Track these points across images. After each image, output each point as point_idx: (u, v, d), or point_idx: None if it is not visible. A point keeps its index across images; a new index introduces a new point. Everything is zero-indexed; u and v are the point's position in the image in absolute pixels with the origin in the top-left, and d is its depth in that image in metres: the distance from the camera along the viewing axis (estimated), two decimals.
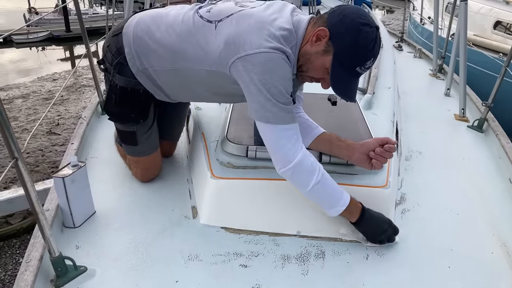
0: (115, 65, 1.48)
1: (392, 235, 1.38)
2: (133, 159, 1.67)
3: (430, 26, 5.91)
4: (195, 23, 1.37)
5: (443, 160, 1.96)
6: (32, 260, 1.16)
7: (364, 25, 1.22)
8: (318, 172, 1.29)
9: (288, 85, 1.27)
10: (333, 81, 1.29)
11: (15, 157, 1.00)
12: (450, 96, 2.88)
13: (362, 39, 1.22)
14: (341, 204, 1.32)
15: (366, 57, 1.25)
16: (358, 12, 1.25)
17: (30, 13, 13.04)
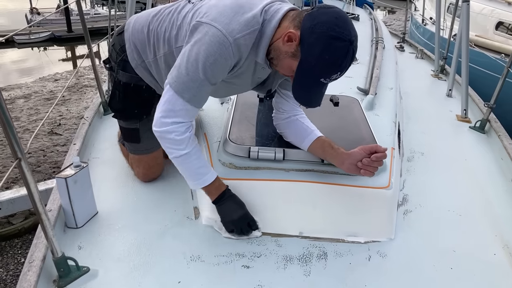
0: (118, 62, 1.53)
1: (245, 228, 1.37)
2: (135, 157, 1.67)
3: (432, 27, 5.91)
4: (181, 7, 1.39)
5: (445, 161, 1.95)
6: (35, 261, 1.16)
7: (335, 39, 1.15)
8: (187, 147, 1.28)
9: (215, 70, 1.22)
10: (294, 86, 1.26)
11: (18, 157, 1.00)
12: (452, 97, 2.88)
13: (330, 54, 1.16)
14: (200, 183, 1.35)
15: (332, 71, 1.19)
16: (332, 22, 1.16)
17: (32, 14, 13.05)
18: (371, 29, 3.61)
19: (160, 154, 1.69)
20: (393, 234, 1.43)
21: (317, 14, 1.20)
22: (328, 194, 1.42)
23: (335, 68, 1.19)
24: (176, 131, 1.26)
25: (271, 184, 1.43)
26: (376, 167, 1.35)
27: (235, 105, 1.80)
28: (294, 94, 1.29)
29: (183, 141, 1.28)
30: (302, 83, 1.24)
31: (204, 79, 1.23)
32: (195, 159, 1.32)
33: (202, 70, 1.21)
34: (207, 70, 1.21)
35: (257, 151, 1.48)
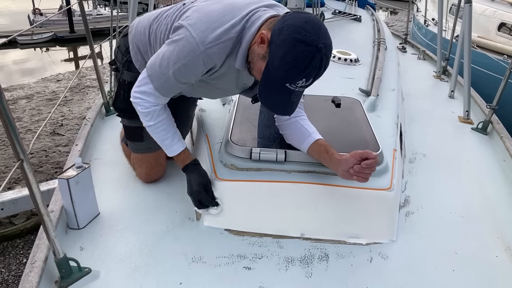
0: (123, 63, 1.59)
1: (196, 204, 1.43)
2: (138, 156, 1.68)
3: (434, 28, 5.90)
4: (176, 9, 1.41)
5: (447, 163, 1.95)
6: (37, 261, 1.16)
7: (300, 42, 1.12)
8: (151, 120, 1.40)
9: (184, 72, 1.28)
10: (260, 89, 1.25)
11: (21, 158, 1.00)
12: (454, 98, 2.87)
13: (293, 57, 1.12)
14: (168, 152, 1.46)
15: (295, 76, 1.15)
16: (300, 25, 1.13)
17: (35, 14, 13.08)
18: (373, 30, 3.61)
19: (162, 154, 1.68)
20: (394, 236, 1.43)
21: (289, 17, 1.18)
22: (329, 196, 1.42)
23: (298, 73, 1.15)
24: (142, 105, 1.38)
25: (273, 186, 1.43)
26: (368, 173, 1.31)
27: (236, 106, 1.80)
28: (260, 97, 1.26)
29: (148, 114, 1.39)
30: (267, 86, 1.22)
31: (172, 77, 1.30)
32: (161, 131, 1.42)
33: (172, 69, 1.28)
34: (176, 71, 1.28)
35: (258, 152, 1.48)
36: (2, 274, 2.77)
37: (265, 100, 1.27)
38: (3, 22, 13.91)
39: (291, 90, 1.19)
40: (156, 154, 1.67)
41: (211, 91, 1.56)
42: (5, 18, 14.81)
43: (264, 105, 1.30)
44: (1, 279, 2.74)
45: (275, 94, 1.22)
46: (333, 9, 3.99)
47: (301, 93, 1.26)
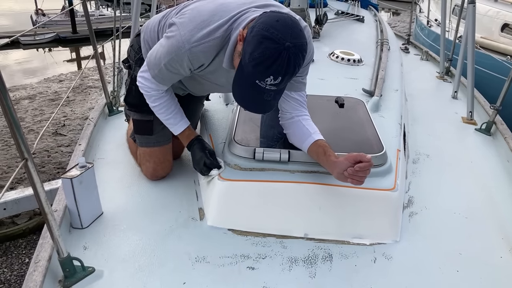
0: (136, 60, 1.67)
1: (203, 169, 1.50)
2: (146, 151, 1.69)
3: (437, 29, 5.89)
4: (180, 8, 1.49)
5: (451, 163, 1.94)
6: (41, 261, 1.16)
7: (267, 39, 1.14)
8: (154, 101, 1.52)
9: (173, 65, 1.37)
10: (232, 86, 1.28)
11: (25, 157, 1.00)
12: (458, 99, 2.87)
13: (260, 53, 1.15)
14: (173, 131, 1.57)
15: (263, 73, 1.17)
16: (270, 23, 1.17)
17: (37, 15, 13.11)
18: (376, 30, 3.60)
19: (170, 149, 1.72)
20: (398, 236, 1.42)
21: (264, 15, 1.23)
22: (333, 196, 1.42)
23: (265, 70, 1.16)
24: (144, 89, 1.52)
25: (276, 186, 1.43)
26: (362, 176, 1.30)
27: (240, 107, 1.80)
28: (234, 94, 1.30)
29: (150, 97, 1.52)
30: (239, 82, 1.26)
31: (164, 68, 1.40)
32: (164, 111, 1.53)
33: (163, 61, 1.39)
34: (166, 63, 1.39)
35: (262, 152, 1.48)
36: (5, 274, 2.78)
37: (238, 96, 1.30)
38: (6, 22, 13.95)
39: (261, 88, 1.21)
40: (164, 148, 1.69)
41: (207, 85, 1.61)
42: (8, 18, 14.86)
43: (237, 101, 1.32)
44: (4, 279, 2.74)
45: (246, 90, 1.25)
46: (336, 10, 3.99)
47: (276, 93, 1.25)
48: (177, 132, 1.56)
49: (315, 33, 3.12)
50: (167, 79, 1.47)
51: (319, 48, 2.91)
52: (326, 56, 2.76)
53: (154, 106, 1.54)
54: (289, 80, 1.25)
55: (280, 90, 1.27)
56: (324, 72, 2.49)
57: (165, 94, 1.52)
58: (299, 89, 1.53)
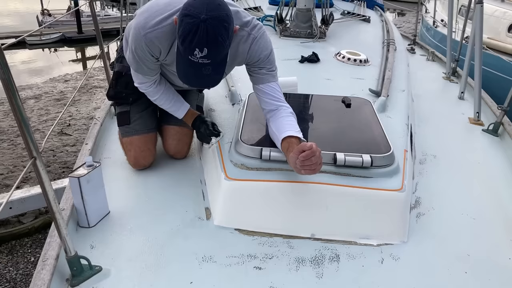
0: (117, 58, 1.83)
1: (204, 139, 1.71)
2: (127, 140, 1.78)
3: (443, 29, 5.86)
4: None
5: (458, 164, 1.93)
6: (49, 259, 1.16)
7: (185, 16, 1.26)
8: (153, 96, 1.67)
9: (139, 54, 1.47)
10: (176, 68, 1.38)
11: (34, 156, 1.00)
12: (464, 99, 2.85)
13: (182, 30, 1.26)
14: (178, 115, 1.72)
15: (189, 48, 1.27)
16: (190, 3, 1.28)
17: (43, 15, 13.18)
18: (382, 30, 3.59)
19: (151, 140, 1.79)
20: (406, 237, 1.42)
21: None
22: (340, 196, 1.41)
23: (189, 44, 1.26)
24: (141, 88, 1.66)
25: (283, 185, 1.43)
26: (309, 164, 1.29)
27: (246, 106, 1.80)
28: (178, 74, 1.39)
29: (148, 93, 1.67)
30: (178, 62, 1.36)
31: (137, 59, 1.51)
32: (165, 102, 1.70)
33: (133, 53, 1.49)
34: (134, 53, 1.49)
35: (269, 152, 1.48)
36: (10, 273, 2.79)
37: (181, 75, 1.39)
38: (12, 23, 14.03)
39: (196, 63, 1.29)
40: (143, 137, 1.77)
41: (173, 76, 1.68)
42: (14, 19, 14.94)
43: (182, 81, 1.41)
44: (9, 277, 2.75)
45: (185, 68, 1.34)
46: (342, 10, 3.98)
47: (214, 67, 1.32)
48: (180, 116, 1.72)
49: (321, 33, 3.11)
50: (145, 70, 1.56)
51: (325, 48, 2.91)
52: (332, 56, 2.76)
53: (155, 100, 1.69)
54: (222, 51, 1.31)
55: (217, 64, 1.33)
56: (331, 72, 2.48)
57: (160, 87, 1.66)
58: (267, 80, 1.59)
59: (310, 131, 1.67)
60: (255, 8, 3.85)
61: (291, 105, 1.88)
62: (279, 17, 3.22)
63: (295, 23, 3.15)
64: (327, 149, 1.49)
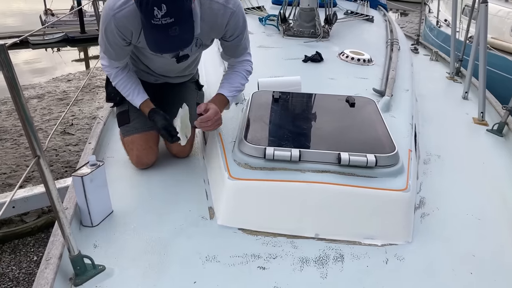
0: None
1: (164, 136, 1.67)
2: (128, 140, 1.77)
3: (446, 29, 5.84)
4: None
5: (462, 164, 1.92)
6: (52, 258, 1.16)
7: None
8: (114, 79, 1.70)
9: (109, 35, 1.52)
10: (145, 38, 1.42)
11: (37, 155, 1.00)
12: (468, 99, 2.84)
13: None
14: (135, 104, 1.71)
15: (148, 10, 1.29)
16: None
17: (46, 15, 13.21)
18: (386, 30, 3.58)
19: (152, 138, 1.77)
20: (410, 237, 1.41)
21: None
22: (344, 196, 1.41)
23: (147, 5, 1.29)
24: (105, 69, 1.71)
25: (287, 185, 1.42)
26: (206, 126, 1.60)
27: (250, 105, 1.80)
28: (148, 44, 1.43)
29: (110, 75, 1.70)
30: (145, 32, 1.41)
31: (105, 41, 1.55)
32: (123, 88, 1.71)
33: (103, 35, 1.54)
34: (104, 35, 1.54)
35: (272, 151, 1.47)
36: (13, 272, 2.79)
37: (150, 44, 1.42)
38: (15, 22, 14.07)
39: (159, 25, 1.32)
40: (144, 135, 1.76)
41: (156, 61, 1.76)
42: (17, 19, 14.98)
43: (152, 50, 1.46)
44: (12, 276, 2.75)
45: (152, 34, 1.38)
46: (345, 10, 3.97)
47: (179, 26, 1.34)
48: (137, 104, 1.70)
49: (324, 33, 3.11)
50: (114, 54, 1.61)
51: (328, 48, 2.90)
52: (336, 55, 2.75)
53: (116, 84, 1.71)
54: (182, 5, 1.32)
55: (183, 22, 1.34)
56: (334, 71, 2.47)
57: (122, 71, 1.70)
58: (240, 54, 1.75)
59: (314, 130, 1.67)
60: (258, 8, 3.84)
61: (295, 104, 1.88)
62: (282, 16, 3.21)
63: (299, 23, 3.14)
64: (331, 149, 1.49)
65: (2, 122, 5.89)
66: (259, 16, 3.56)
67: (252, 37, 3.19)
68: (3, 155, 4.82)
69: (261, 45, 2.92)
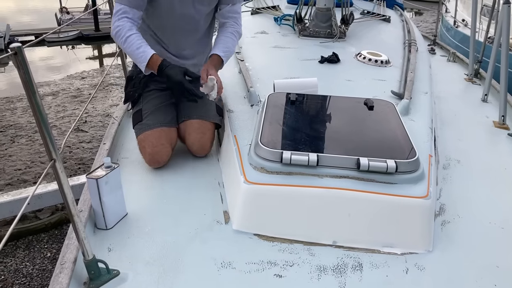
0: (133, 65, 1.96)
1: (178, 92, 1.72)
2: (141, 138, 1.77)
3: (464, 29, 5.73)
4: None
5: (483, 170, 1.87)
6: (67, 262, 1.15)
7: None
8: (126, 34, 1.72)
9: None
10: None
11: (53, 158, 0.99)
12: (488, 102, 2.77)
13: None
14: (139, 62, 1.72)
15: None
16: None
17: (62, 13, 13.35)
18: (403, 31, 3.52)
19: (165, 135, 1.76)
20: (431, 246, 1.37)
21: None
22: (363, 203, 1.37)
23: None
24: (114, 26, 1.75)
25: (304, 191, 1.39)
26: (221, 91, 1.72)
27: (266, 108, 1.77)
28: None
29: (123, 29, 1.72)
30: None
31: None
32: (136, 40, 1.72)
33: None
34: None
35: (289, 155, 1.44)
36: (27, 268, 2.81)
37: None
38: (31, 20, 14.24)
39: None
40: (157, 132, 1.75)
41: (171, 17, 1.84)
42: (33, 16, 15.16)
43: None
44: (26, 272, 2.77)
45: None
46: (361, 9, 3.91)
47: None
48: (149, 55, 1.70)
49: (341, 33, 3.06)
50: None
51: (345, 48, 2.85)
52: (352, 56, 2.70)
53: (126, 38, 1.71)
54: None
55: None
56: (351, 73, 2.43)
57: (134, 28, 1.74)
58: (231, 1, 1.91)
59: (331, 134, 1.63)
60: (273, 7, 3.80)
61: (312, 107, 1.84)
62: (298, 16, 3.17)
63: (315, 23, 3.10)
64: (350, 154, 1.45)
65: (18, 119, 5.96)
66: (274, 16, 3.52)
67: (267, 37, 3.17)
68: (18, 151, 4.87)
69: (277, 45, 2.89)
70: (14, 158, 4.67)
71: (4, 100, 6.85)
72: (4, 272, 2.75)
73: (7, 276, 2.72)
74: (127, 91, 1.96)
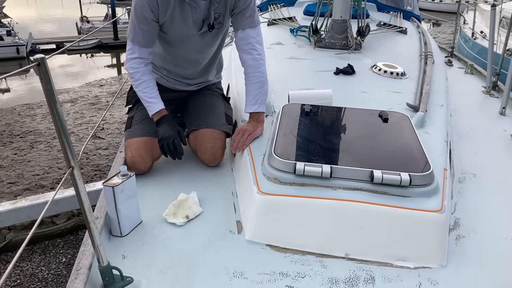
0: None
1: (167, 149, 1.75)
2: (126, 144, 1.82)
3: (482, 41, 5.68)
4: None
5: (500, 184, 1.84)
6: (82, 268, 1.17)
7: None
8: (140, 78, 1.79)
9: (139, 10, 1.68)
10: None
11: (72, 166, 1.01)
12: (506, 115, 2.73)
13: None
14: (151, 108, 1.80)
15: None
16: None
17: (82, 22, 13.65)
18: (420, 42, 3.50)
19: (145, 146, 1.78)
20: (445, 260, 1.35)
21: None
22: (377, 215, 1.36)
23: None
24: (132, 64, 1.78)
25: (317, 202, 1.39)
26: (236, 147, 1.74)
27: (280, 118, 1.78)
28: None
29: (136, 74, 1.79)
30: None
31: (135, 21, 1.70)
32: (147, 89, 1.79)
33: (133, 15, 1.70)
34: (134, 15, 1.70)
35: (303, 166, 1.44)
36: (42, 272, 2.86)
37: None
38: (52, 28, 14.59)
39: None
40: (140, 141, 1.79)
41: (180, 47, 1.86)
42: (54, 25, 15.54)
43: None
44: (41, 277, 2.82)
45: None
46: (378, 21, 3.91)
47: None
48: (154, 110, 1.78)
49: (356, 45, 3.06)
50: (143, 36, 1.73)
51: (360, 60, 2.86)
52: (368, 68, 2.70)
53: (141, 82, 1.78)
54: None
55: None
56: (366, 85, 2.43)
57: (149, 71, 1.80)
58: (248, 26, 1.83)
59: (345, 146, 1.63)
60: (289, 19, 3.83)
61: (326, 118, 1.84)
62: (314, 28, 3.19)
63: (330, 34, 3.11)
64: (364, 166, 1.45)
65: (37, 125, 6.09)
66: (290, 27, 3.55)
67: (283, 48, 3.18)
68: (37, 157, 4.97)
69: (292, 57, 2.91)
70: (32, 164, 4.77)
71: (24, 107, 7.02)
72: (20, 276, 2.80)
73: (23, 280, 2.77)
74: (128, 96, 2.08)
